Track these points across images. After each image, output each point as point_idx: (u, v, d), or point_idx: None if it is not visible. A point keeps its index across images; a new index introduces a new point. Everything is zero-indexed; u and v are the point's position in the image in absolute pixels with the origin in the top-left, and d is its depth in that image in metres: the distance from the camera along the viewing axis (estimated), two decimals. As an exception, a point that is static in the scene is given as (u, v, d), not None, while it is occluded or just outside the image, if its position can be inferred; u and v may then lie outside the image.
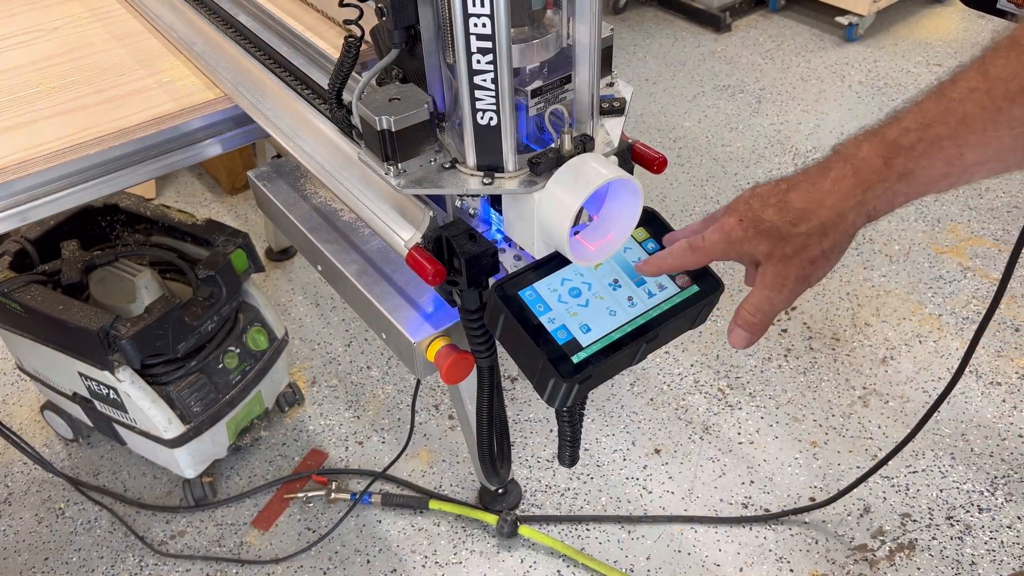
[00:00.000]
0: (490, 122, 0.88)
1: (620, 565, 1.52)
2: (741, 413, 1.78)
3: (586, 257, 0.91)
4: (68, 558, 1.58)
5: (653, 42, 3.15)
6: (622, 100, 1.05)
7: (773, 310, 0.63)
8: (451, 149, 0.95)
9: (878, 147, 0.56)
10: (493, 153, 0.91)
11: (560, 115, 0.93)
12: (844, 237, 0.60)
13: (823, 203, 0.58)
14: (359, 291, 1.12)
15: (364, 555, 1.56)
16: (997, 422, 1.73)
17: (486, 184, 0.91)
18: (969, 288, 2.04)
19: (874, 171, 0.56)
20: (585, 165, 0.88)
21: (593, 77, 0.93)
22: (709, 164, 2.51)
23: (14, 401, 1.88)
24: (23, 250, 1.53)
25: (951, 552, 1.52)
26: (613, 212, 0.93)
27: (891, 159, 0.55)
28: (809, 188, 0.59)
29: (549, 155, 0.90)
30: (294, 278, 2.18)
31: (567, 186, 0.87)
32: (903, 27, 3.13)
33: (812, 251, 0.59)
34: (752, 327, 0.65)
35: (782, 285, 0.61)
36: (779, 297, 0.62)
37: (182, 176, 2.56)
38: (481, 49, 0.82)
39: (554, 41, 0.90)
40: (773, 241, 0.60)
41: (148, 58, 1.40)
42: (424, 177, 0.94)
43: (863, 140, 0.57)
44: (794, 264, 0.60)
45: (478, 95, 0.86)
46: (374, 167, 0.95)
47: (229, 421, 1.59)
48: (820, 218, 0.58)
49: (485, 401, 1.17)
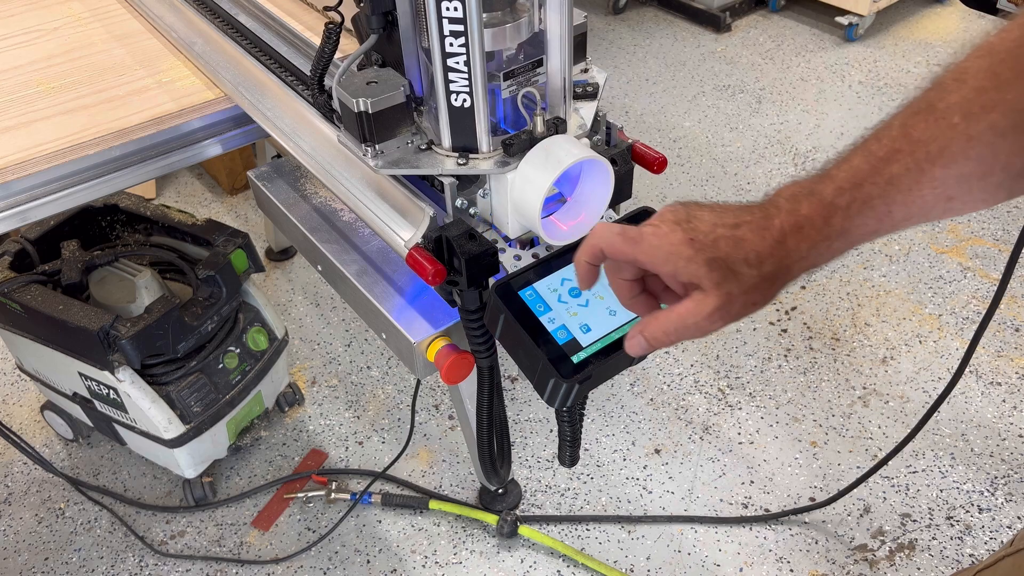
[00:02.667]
0: (464, 104, 0.91)
1: (620, 565, 1.52)
2: (741, 413, 1.78)
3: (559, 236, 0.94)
4: (68, 558, 1.58)
5: (653, 42, 3.15)
6: (595, 85, 1.07)
7: (688, 336, 0.62)
8: (428, 131, 0.98)
9: (817, 207, 0.58)
10: (467, 134, 0.94)
11: (532, 98, 0.96)
12: (782, 288, 0.61)
13: (773, 253, 0.59)
14: (359, 291, 1.12)
15: (364, 555, 1.56)
16: (997, 422, 1.73)
17: (461, 164, 0.95)
18: (969, 288, 2.04)
19: (816, 230, 0.58)
20: (556, 146, 0.91)
21: (564, 62, 0.95)
22: (709, 164, 2.51)
23: (14, 401, 1.88)
24: (23, 250, 1.53)
25: (951, 552, 1.52)
26: (586, 193, 0.97)
27: (830, 218, 0.57)
28: (758, 232, 0.59)
29: (523, 136, 0.93)
30: (294, 278, 2.18)
31: (538, 165, 0.90)
32: (903, 27, 3.13)
33: (755, 295, 0.60)
34: (658, 343, 0.64)
35: (714, 318, 0.60)
36: (705, 327, 0.61)
37: (182, 176, 2.56)
38: (453, 32, 0.85)
39: (526, 26, 0.93)
40: (724, 274, 0.59)
41: (148, 58, 1.40)
42: (401, 158, 0.96)
43: (802, 198, 0.58)
44: (737, 303, 0.60)
45: (451, 77, 0.89)
46: (352, 148, 0.98)
47: (229, 421, 1.59)
48: (772, 267, 0.59)
49: (485, 401, 1.17)
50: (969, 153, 0.52)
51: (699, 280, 0.61)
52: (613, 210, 1.04)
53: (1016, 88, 0.51)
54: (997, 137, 0.52)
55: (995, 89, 0.51)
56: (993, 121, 0.51)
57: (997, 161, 0.52)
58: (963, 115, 0.52)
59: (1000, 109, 0.51)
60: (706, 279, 0.60)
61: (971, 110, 0.52)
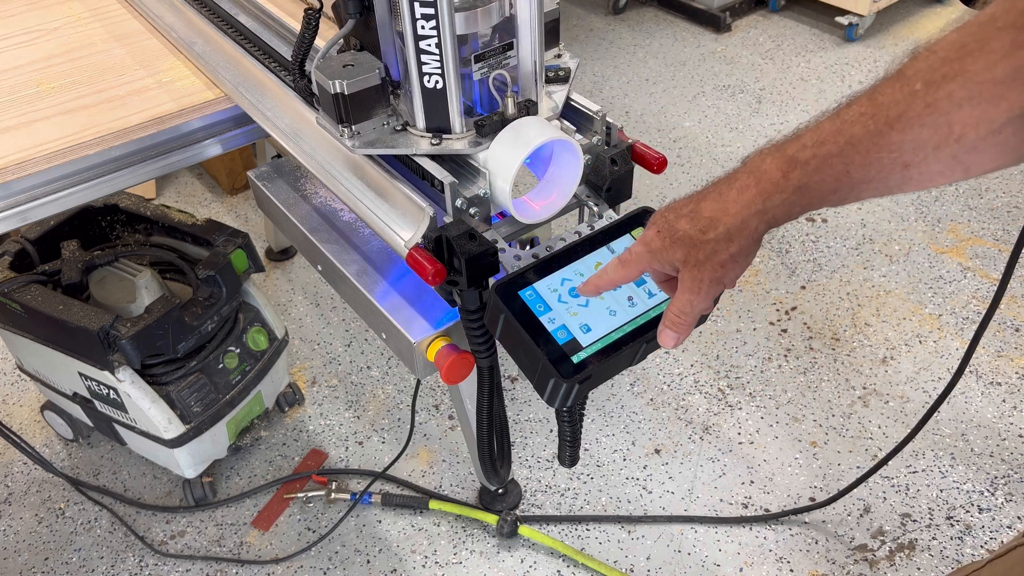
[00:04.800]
0: (436, 85, 0.94)
1: (620, 565, 1.52)
2: (741, 413, 1.78)
3: (531, 216, 0.97)
4: (68, 558, 1.58)
5: (653, 42, 3.15)
6: (567, 70, 1.10)
7: (694, 311, 0.69)
8: (404, 113, 1.01)
9: (778, 160, 0.61)
10: (440, 115, 0.97)
11: (503, 80, 0.99)
12: (749, 241, 0.64)
13: (728, 211, 0.63)
14: (359, 291, 1.12)
15: (364, 555, 1.56)
16: (997, 422, 1.73)
17: (434, 144, 0.97)
18: (969, 288, 2.04)
19: (773, 183, 0.61)
20: (526, 126, 0.94)
21: (535, 46, 0.98)
22: (709, 164, 2.51)
23: (14, 401, 1.88)
24: (23, 250, 1.53)
25: (951, 552, 1.52)
26: (556, 173, 0.99)
27: (788, 172, 0.61)
28: (717, 198, 0.64)
29: (494, 118, 0.96)
30: (294, 278, 2.18)
31: (509, 145, 0.93)
32: (903, 27, 3.13)
33: (721, 256, 0.65)
34: (678, 327, 0.71)
35: (698, 288, 0.67)
36: (697, 299, 0.68)
37: (182, 176, 2.56)
38: (425, 15, 0.88)
39: (497, 10, 0.95)
40: (687, 248, 0.66)
41: (148, 58, 1.40)
42: (377, 139, 0.99)
43: (767, 154, 0.62)
44: (707, 268, 0.66)
45: (424, 59, 0.92)
46: (330, 129, 1.01)
47: (229, 421, 1.59)
48: (726, 225, 0.63)
49: (485, 401, 1.17)
50: (924, 120, 0.53)
51: (674, 262, 0.68)
52: (613, 210, 1.04)
53: (978, 60, 0.51)
54: (953, 107, 0.52)
55: (958, 60, 0.52)
56: (951, 91, 0.52)
57: (952, 132, 0.53)
58: (925, 82, 0.53)
59: (960, 79, 0.52)
60: (676, 259, 0.67)
61: (932, 78, 0.53)
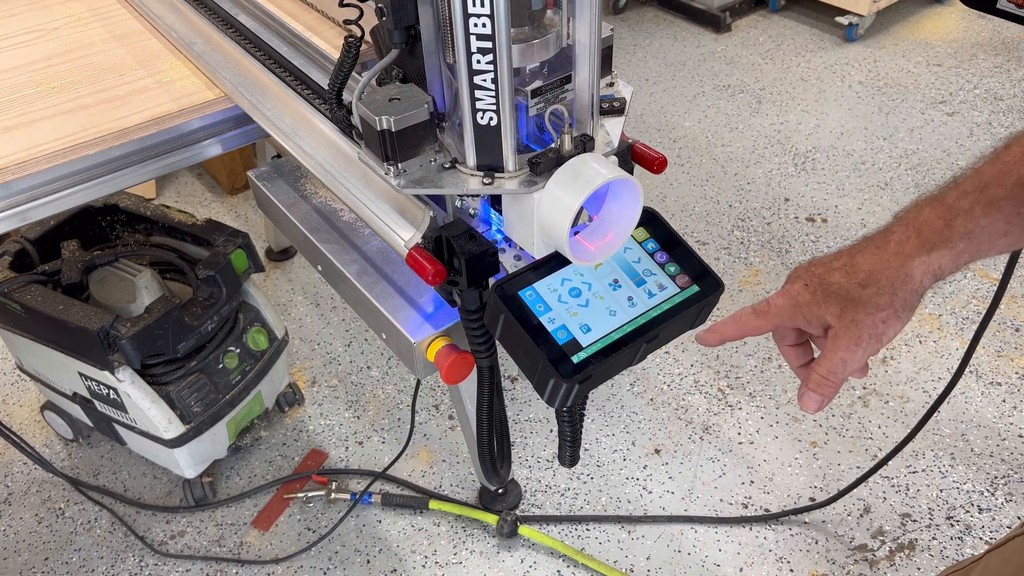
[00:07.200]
0: (490, 122, 0.88)
1: (620, 565, 1.52)
2: (741, 413, 1.78)
3: (586, 257, 0.90)
4: (68, 558, 1.58)
5: (653, 42, 3.15)
6: (622, 100, 1.05)
7: (846, 371, 0.65)
8: (451, 149, 0.95)
9: (938, 210, 0.59)
10: (493, 153, 0.90)
11: (560, 115, 0.92)
12: (912, 296, 0.61)
13: (889, 264, 0.60)
14: (359, 291, 1.12)
15: (364, 555, 1.56)
16: (997, 422, 1.73)
17: (486, 184, 0.91)
18: (969, 288, 2.04)
19: (936, 232, 0.59)
20: (585, 165, 0.88)
21: (593, 77, 0.93)
22: (709, 164, 2.51)
23: (14, 401, 1.88)
24: (23, 250, 1.53)
25: (951, 552, 1.52)
26: (613, 212, 0.93)
27: (951, 220, 0.58)
28: (874, 251, 0.61)
29: (549, 155, 0.90)
30: (294, 278, 2.18)
31: (567, 186, 0.87)
32: (903, 27, 3.13)
33: (883, 311, 0.61)
34: (825, 389, 0.66)
35: (856, 346, 0.62)
36: (853, 358, 0.63)
37: (182, 176, 2.56)
38: (481, 49, 0.82)
39: (554, 41, 0.90)
40: (843, 303, 0.62)
41: (148, 58, 1.40)
42: (424, 177, 0.93)
43: (924, 205, 0.60)
44: (867, 325, 0.62)
45: (478, 95, 0.86)
46: (374, 167, 0.95)
47: (229, 421, 1.59)
48: (888, 278, 0.60)
49: (485, 401, 1.17)
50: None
51: (824, 318, 0.63)
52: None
53: None
54: None
55: None
56: None
57: None
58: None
59: None
60: (828, 314, 0.63)
61: None
